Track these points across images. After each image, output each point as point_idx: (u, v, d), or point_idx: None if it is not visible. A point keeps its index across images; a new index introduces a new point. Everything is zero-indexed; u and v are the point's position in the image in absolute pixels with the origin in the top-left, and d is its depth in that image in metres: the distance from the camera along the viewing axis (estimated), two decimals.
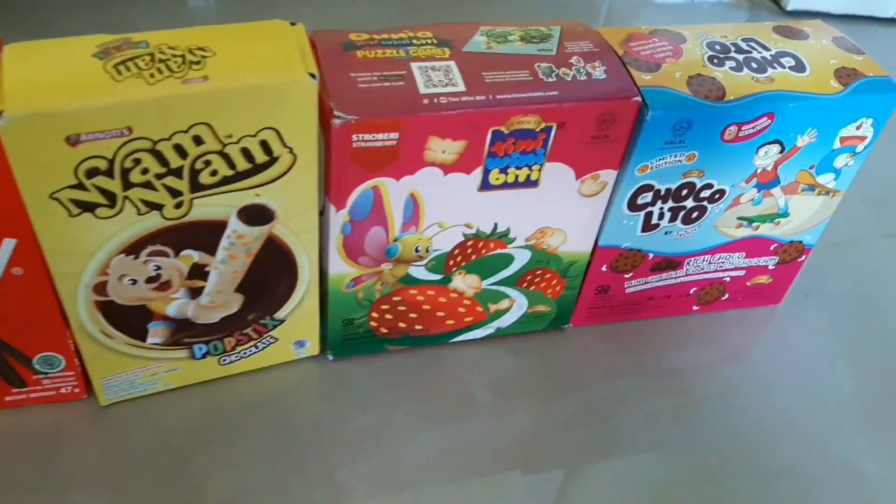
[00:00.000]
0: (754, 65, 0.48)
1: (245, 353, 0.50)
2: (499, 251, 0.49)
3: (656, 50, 0.48)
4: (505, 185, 0.46)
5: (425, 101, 0.41)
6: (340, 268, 0.47)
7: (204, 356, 0.49)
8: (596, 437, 0.51)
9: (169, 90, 0.37)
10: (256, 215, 0.43)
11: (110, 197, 0.39)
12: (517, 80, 0.43)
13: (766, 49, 0.49)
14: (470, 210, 0.46)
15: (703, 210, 0.51)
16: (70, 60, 0.38)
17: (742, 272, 0.57)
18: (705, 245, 0.54)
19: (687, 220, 0.52)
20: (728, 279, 0.58)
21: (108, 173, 0.38)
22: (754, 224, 0.54)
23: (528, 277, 0.52)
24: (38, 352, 0.46)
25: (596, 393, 0.53)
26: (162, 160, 0.39)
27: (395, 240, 0.46)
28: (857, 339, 0.60)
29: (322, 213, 0.45)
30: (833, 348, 0.59)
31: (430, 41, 0.44)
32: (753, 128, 0.47)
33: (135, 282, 0.43)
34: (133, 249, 0.42)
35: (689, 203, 0.51)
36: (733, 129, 0.47)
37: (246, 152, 0.40)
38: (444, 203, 0.46)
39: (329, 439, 0.49)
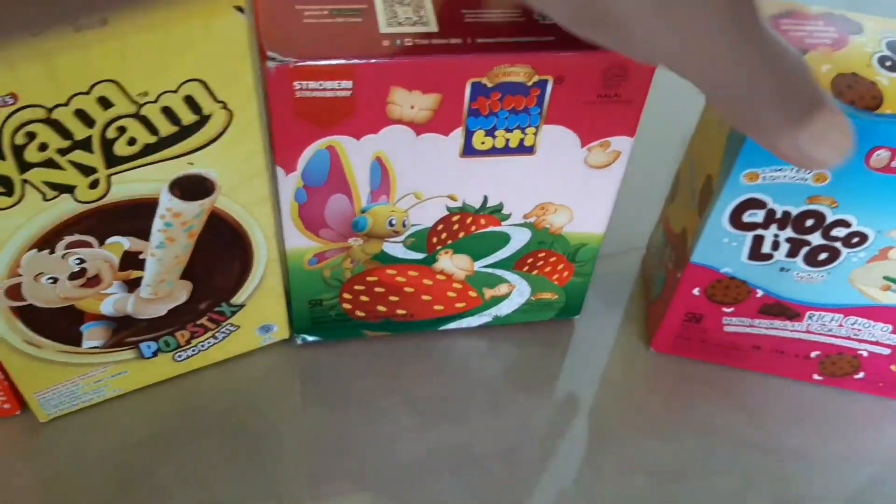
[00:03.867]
0: None
1: (203, 346, 0.43)
2: (491, 229, 0.42)
3: (812, 34, 0.37)
4: (493, 151, 0.37)
5: (385, 43, 0.33)
6: (298, 241, 0.40)
7: (154, 354, 0.42)
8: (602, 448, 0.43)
9: (57, 41, 0.29)
10: (193, 188, 0.36)
11: (5, 182, 0.32)
12: (505, 20, 0.35)
13: None
14: (452, 179, 0.39)
15: (834, 253, 0.39)
16: None
17: (886, 350, 0.44)
18: (836, 300, 0.42)
19: (812, 261, 0.40)
20: (865, 354, 0.44)
21: None
22: None
23: (529, 260, 0.44)
24: None
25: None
26: (63, 131, 0.31)
27: (363, 211, 0.39)
28: None
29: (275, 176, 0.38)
30: None
31: None
32: None
33: (55, 280, 0.36)
34: (46, 242, 0.34)
35: (816, 239, 0.39)
36: (884, 154, 0.35)
37: (169, 112, 0.33)
38: (419, 170, 0.38)
39: (305, 437, 0.42)
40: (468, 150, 0.37)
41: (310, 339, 0.46)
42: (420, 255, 0.42)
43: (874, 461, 0.44)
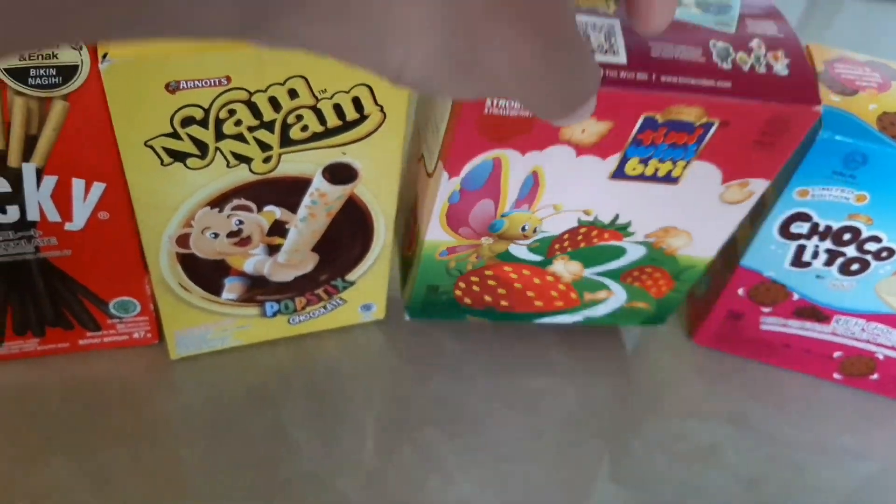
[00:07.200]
0: None
1: (314, 314, 0.50)
2: (612, 242, 0.44)
3: (861, 78, 0.41)
4: (641, 177, 0.40)
5: None
6: (438, 235, 0.43)
7: (275, 314, 0.48)
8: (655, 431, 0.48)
9: None
10: (341, 174, 0.42)
11: (202, 147, 0.38)
12: (688, 59, 0.36)
13: None
14: (593, 197, 0.41)
15: (865, 264, 0.45)
16: None
17: None
18: (861, 307, 0.47)
19: (845, 270, 0.45)
20: (882, 357, 0.49)
21: (203, 123, 0.37)
22: None
23: (635, 273, 0.47)
24: (114, 296, 0.45)
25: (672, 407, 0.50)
26: (256, 112, 0.38)
27: (503, 216, 0.42)
28: None
29: (431, 175, 0.42)
30: None
31: None
32: None
33: (217, 235, 0.43)
34: (218, 202, 0.41)
35: (851, 251, 0.44)
36: None
37: (338, 108, 0.39)
38: (567, 186, 0.40)
39: (411, 404, 0.48)
40: (619, 174, 0.40)
41: (416, 317, 0.50)
42: (538, 258, 0.45)
43: (881, 456, 0.49)
